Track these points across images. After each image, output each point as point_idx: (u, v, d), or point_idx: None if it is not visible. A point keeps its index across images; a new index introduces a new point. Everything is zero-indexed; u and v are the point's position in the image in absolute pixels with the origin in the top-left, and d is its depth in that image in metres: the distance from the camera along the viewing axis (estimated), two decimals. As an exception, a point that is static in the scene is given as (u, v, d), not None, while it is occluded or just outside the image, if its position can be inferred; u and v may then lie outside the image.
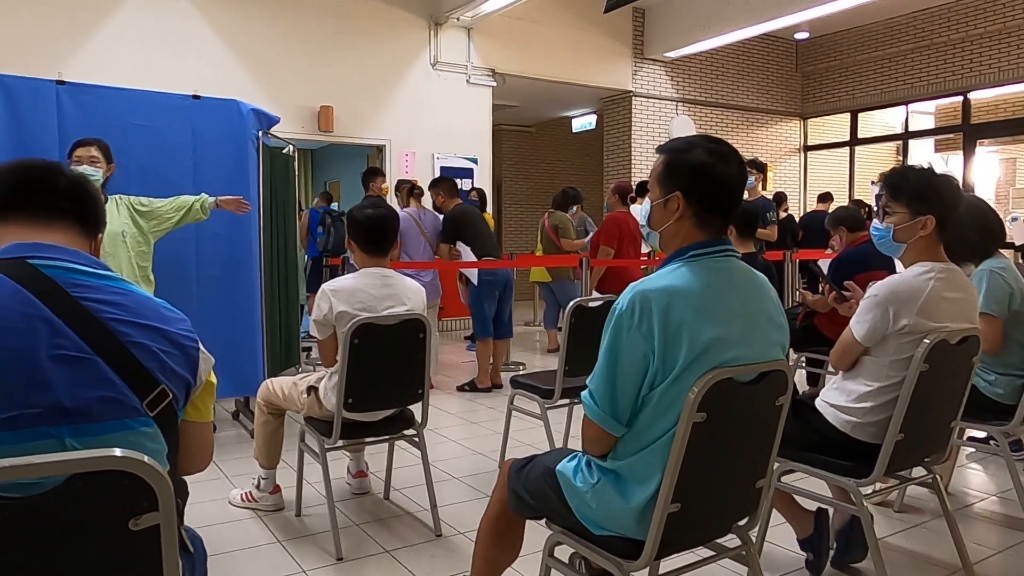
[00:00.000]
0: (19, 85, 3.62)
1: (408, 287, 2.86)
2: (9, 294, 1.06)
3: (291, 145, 4.97)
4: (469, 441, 4.29)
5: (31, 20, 6.44)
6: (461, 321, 8.47)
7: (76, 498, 0.97)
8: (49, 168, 1.26)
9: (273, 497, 3.15)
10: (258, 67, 7.46)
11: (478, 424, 4.69)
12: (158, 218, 3.59)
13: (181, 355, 1.19)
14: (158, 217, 3.59)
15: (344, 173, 12.13)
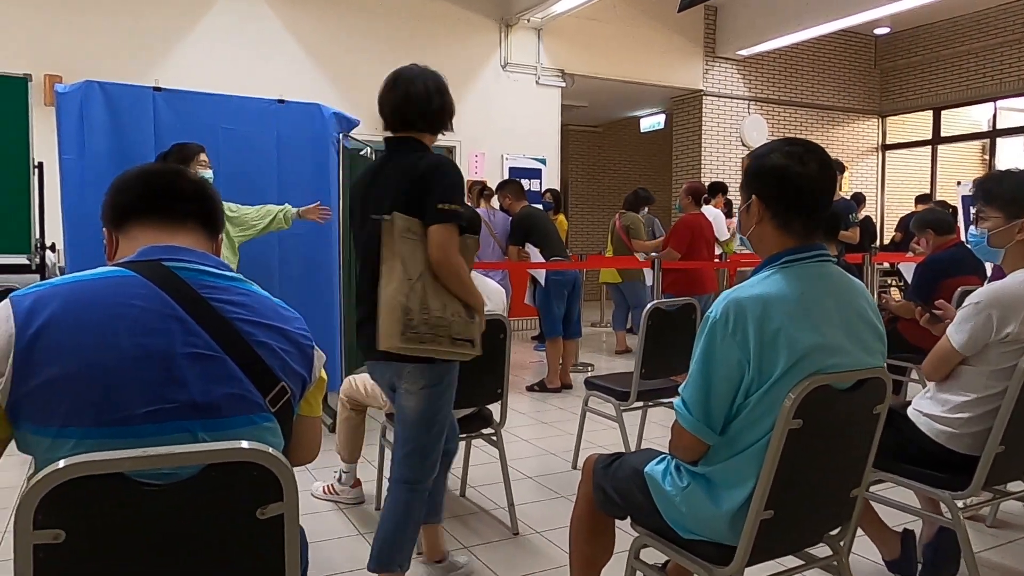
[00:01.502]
0: (120, 92, 3.81)
1: (489, 288, 2.90)
2: (148, 295, 1.12)
3: (368, 147, 5.09)
4: (540, 441, 4.31)
5: (130, 28, 6.77)
6: (527, 321, 8.51)
7: (210, 487, 1.03)
8: (174, 173, 1.34)
9: (354, 491, 3.23)
10: (336, 70, 7.65)
11: (549, 424, 4.71)
12: (243, 224, 3.71)
13: (298, 353, 1.24)
14: (244, 223, 3.71)
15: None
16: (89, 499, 0.97)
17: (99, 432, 1.04)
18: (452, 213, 2.05)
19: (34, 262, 4.06)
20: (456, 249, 2.06)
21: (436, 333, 2.02)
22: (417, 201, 2.05)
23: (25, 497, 0.94)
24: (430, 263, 2.03)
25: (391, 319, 1.98)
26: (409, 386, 2.16)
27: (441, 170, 2.09)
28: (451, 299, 2.07)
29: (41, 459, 1.06)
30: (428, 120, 2.21)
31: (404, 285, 1.98)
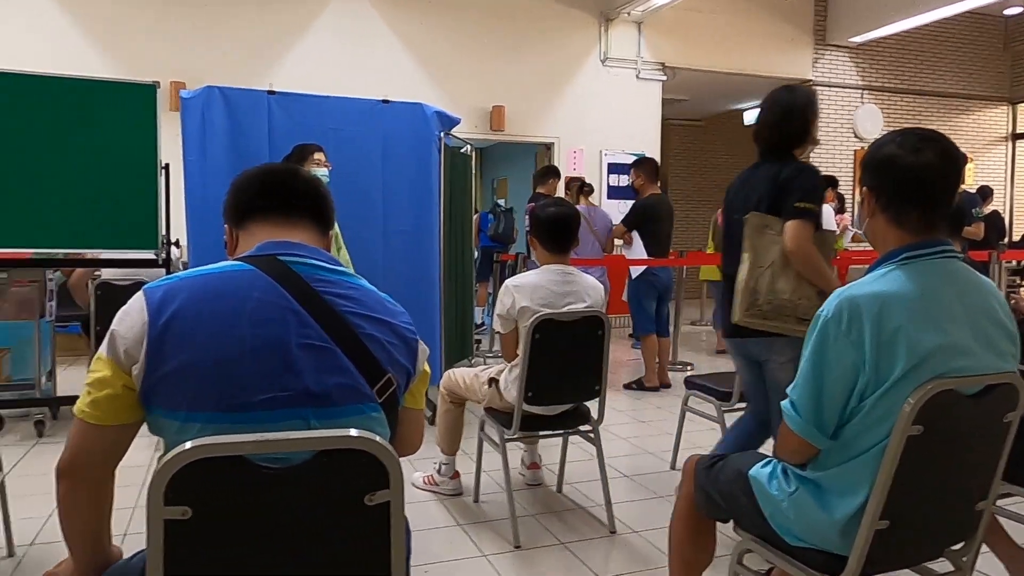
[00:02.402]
0: (237, 96, 4.02)
1: (588, 284, 2.89)
2: (266, 288, 1.18)
3: (469, 145, 5.17)
4: (638, 440, 4.26)
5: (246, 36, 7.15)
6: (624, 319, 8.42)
7: (321, 472, 1.07)
8: (289, 172, 1.40)
9: (453, 482, 3.29)
10: (437, 69, 7.81)
11: (646, 423, 4.65)
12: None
13: (404, 346, 1.28)
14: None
15: (511, 171, 12.40)
16: (213, 479, 1.03)
17: (222, 417, 1.10)
18: (807, 211, 2.38)
19: (160, 257, 4.34)
20: (809, 240, 2.37)
21: (781, 312, 2.37)
22: (778, 201, 2.42)
23: (156, 476, 1.01)
24: (785, 253, 2.36)
25: (740, 298, 2.41)
26: (779, 357, 2.48)
27: (803, 175, 2.45)
28: (802, 283, 2.38)
29: (171, 441, 1.13)
30: (792, 137, 2.55)
31: (754, 271, 2.39)
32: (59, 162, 4.07)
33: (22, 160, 4.02)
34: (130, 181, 4.17)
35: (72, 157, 4.09)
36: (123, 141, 4.14)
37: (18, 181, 4.03)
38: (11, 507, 2.69)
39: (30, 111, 4.02)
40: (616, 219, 6.20)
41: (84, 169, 4.11)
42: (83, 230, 4.15)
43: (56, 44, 6.61)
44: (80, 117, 4.09)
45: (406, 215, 4.25)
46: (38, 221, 4.07)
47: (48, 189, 4.07)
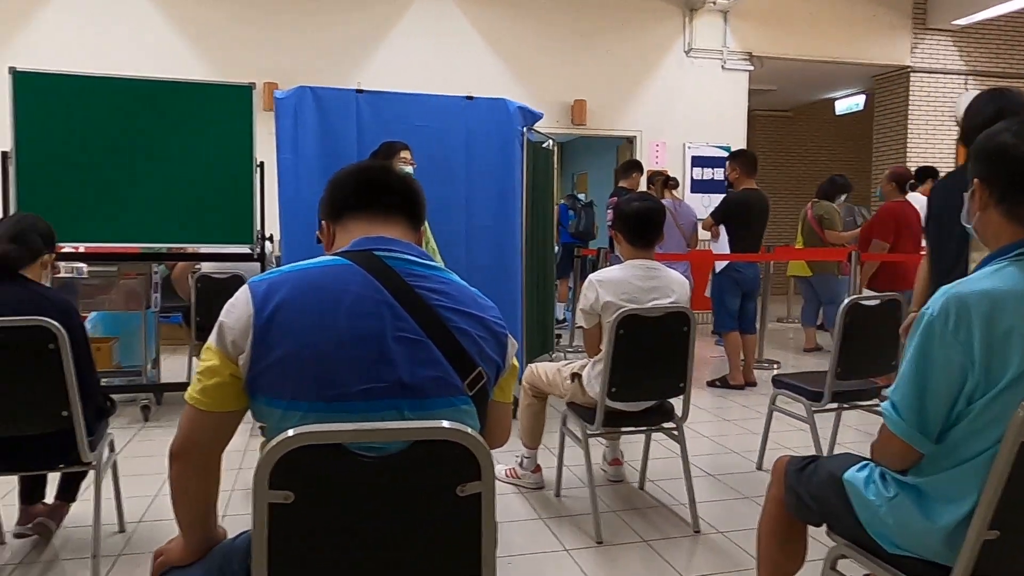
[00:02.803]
0: (328, 95, 4.15)
1: (673, 279, 2.85)
2: (362, 282, 1.22)
3: (551, 140, 5.17)
4: (722, 439, 4.18)
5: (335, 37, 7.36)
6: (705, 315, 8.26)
7: (415, 462, 1.10)
8: (383, 169, 1.44)
9: (535, 476, 3.31)
10: (519, 65, 7.84)
11: (731, 422, 4.55)
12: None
13: (494, 340, 1.30)
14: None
15: (592, 165, 12.34)
16: (314, 465, 1.07)
17: (321, 406, 1.15)
18: None
19: (255, 251, 4.54)
20: None
21: None
22: None
23: (262, 461, 1.06)
24: None
25: None
26: None
27: None
28: None
29: (273, 428, 1.19)
30: None
31: None
32: (163, 162, 4.31)
33: (130, 161, 4.28)
34: (228, 179, 4.37)
35: (175, 157, 4.32)
36: (221, 141, 4.35)
37: (127, 181, 4.28)
38: (121, 486, 2.87)
39: (136, 114, 4.27)
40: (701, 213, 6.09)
41: (186, 168, 4.33)
42: (185, 226, 4.38)
43: (158, 49, 6.98)
44: (182, 119, 4.31)
45: (489, 210, 4.29)
46: (145, 218, 4.32)
47: (153, 188, 4.31)
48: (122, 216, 4.29)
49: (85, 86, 4.25)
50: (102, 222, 4.25)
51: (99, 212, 4.25)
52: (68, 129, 4.20)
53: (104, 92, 4.24)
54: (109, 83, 4.29)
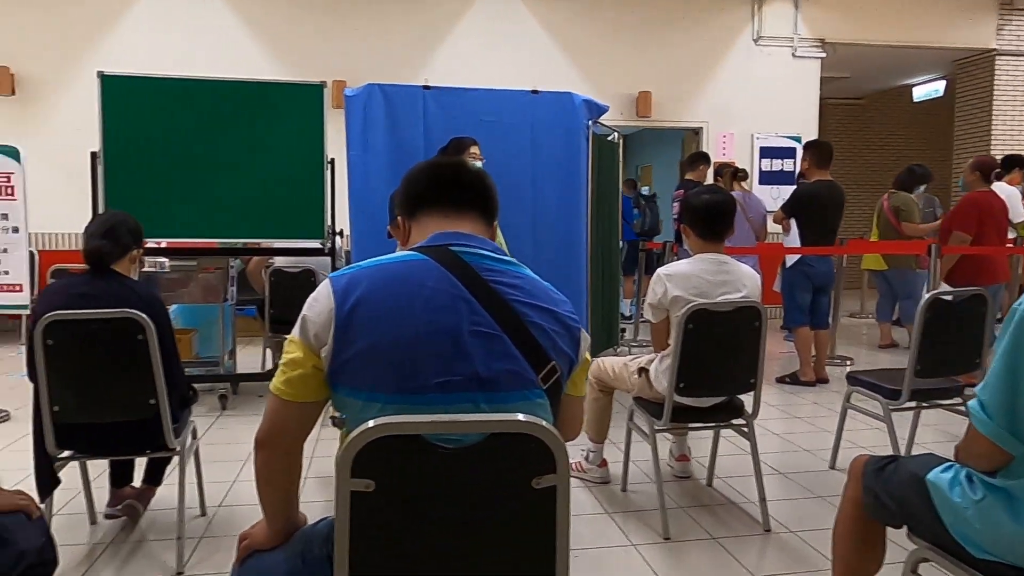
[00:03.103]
0: (395, 92, 4.23)
1: (744, 273, 2.80)
2: (439, 277, 1.24)
3: (616, 132, 5.13)
4: (793, 436, 4.09)
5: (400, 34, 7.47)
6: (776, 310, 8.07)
7: (491, 454, 1.12)
8: (457, 165, 1.46)
9: (600, 470, 3.31)
10: (583, 58, 7.80)
11: (801, 419, 4.44)
12: None
13: (567, 335, 1.30)
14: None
15: (656, 158, 12.19)
16: (393, 455, 1.10)
17: (400, 398, 1.18)
18: None
19: (326, 246, 4.65)
20: None
21: None
22: None
23: (344, 450, 1.09)
24: None
25: None
26: None
27: None
28: None
29: (353, 418, 1.22)
30: None
31: None
32: (239, 160, 4.46)
33: (208, 159, 4.44)
34: (300, 176, 4.49)
35: (250, 155, 4.46)
36: (294, 139, 4.47)
37: (205, 178, 4.45)
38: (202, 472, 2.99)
39: (214, 114, 4.42)
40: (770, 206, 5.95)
41: (260, 166, 4.47)
42: (259, 222, 4.53)
43: (233, 51, 7.21)
44: (257, 118, 4.45)
45: (554, 204, 4.30)
46: (222, 214, 4.48)
47: (230, 185, 4.46)
48: (201, 212, 4.46)
49: (166, 88, 4.43)
50: (183, 218, 4.43)
51: (180, 209, 4.43)
52: (150, 129, 4.39)
53: (184, 93, 4.41)
54: (188, 85, 4.46)
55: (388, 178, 4.04)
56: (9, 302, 4.11)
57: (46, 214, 6.39)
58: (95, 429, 2.46)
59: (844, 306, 6.79)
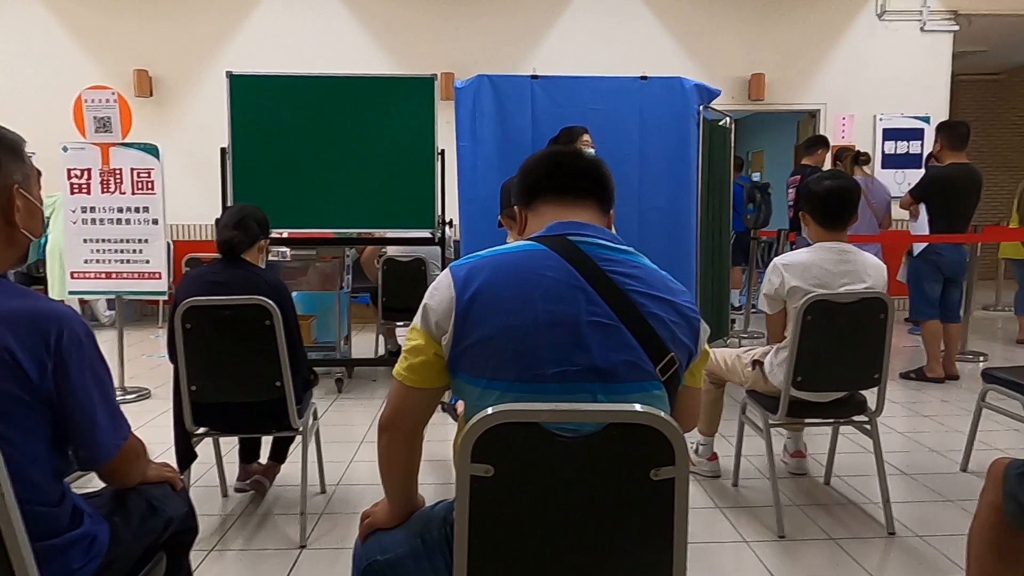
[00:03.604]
0: (504, 83, 4.25)
1: (868, 264, 2.66)
2: (557, 267, 1.25)
3: (728, 117, 4.98)
4: (918, 435, 3.86)
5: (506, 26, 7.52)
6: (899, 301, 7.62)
7: (609, 444, 1.12)
8: (574, 153, 1.46)
9: (711, 464, 3.24)
10: (692, 42, 7.61)
11: (928, 418, 4.19)
12: None
13: (686, 326, 1.28)
14: None
15: (768, 142, 11.73)
16: (512, 442, 1.12)
17: (518, 387, 1.19)
18: None
19: (436, 236, 4.76)
20: None
21: None
22: None
23: (465, 436, 1.12)
24: None
25: None
26: None
27: None
28: None
29: (471, 405, 1.25)
30: None
31: None
32: (354, 153, 4.63)
33: (326, 152, 4.64)
34: (412, 167, 4.62)
35: (364, 148, 4.63)
36: (406, 131, 4.60)
37: (323, 171, 4.65)
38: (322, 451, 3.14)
39: (331, 109, 4.61)
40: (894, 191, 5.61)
41: (374, 158, 4.63)
42: (373, 212, 4.69)
43: (348, 47, 7.47)
44: (371, 111, 4.60)
45: (662, 191, 4.22)
46: (339, 205, 4.67)
47: (346, 177, 4.65)
48: (319, 204, 4.66)
49: (287, 85, 4.65)
50: (302, 210, 4.65)
51: (300, 200, 4.65)
52: (273, 125, 4.63)
53: (304, 90, 4.62)
54: (308, 81, 4.66)
55: (497, 168, 4.08)
56: (149, 288, 4.45)
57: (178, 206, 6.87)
58: (227, 408, 2.63)
59: (977, 298, 6.32)
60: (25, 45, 7.53)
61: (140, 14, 7.54)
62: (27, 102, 7.18)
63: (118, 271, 4.37)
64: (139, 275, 4.39)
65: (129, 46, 7.55)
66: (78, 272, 4.38)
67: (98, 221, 4.33)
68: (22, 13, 7.53)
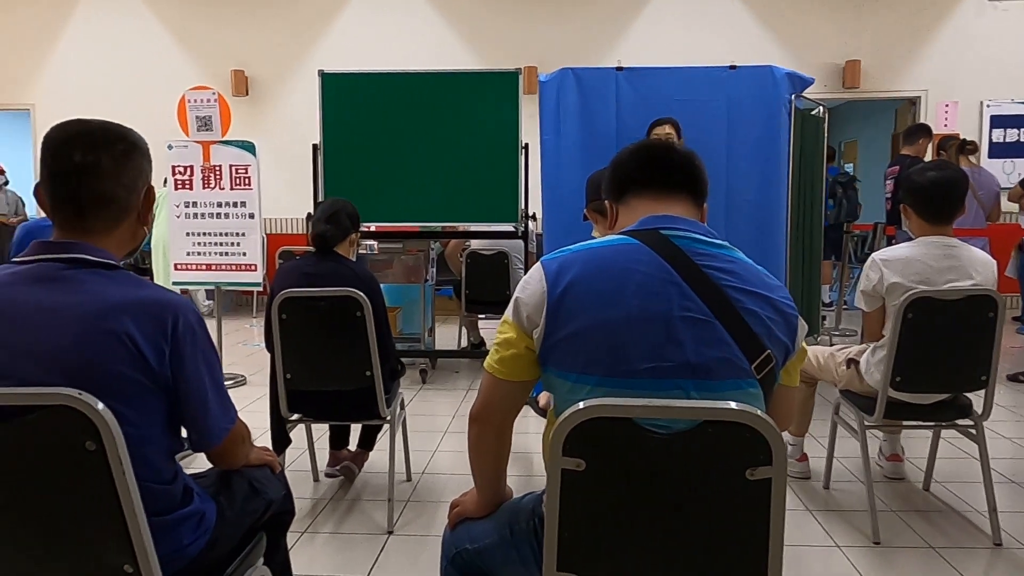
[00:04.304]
0: (588, 76, 4.22)
1: (976, 259, 2.51)
2: (649, 262, 1.23)
3: (821, 106, 4.80)
4: (1028, 442, 3.64)
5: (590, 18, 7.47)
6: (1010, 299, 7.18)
7: (704, 442, 1.10)
8: (666, 146, 1.43)
9: (800, 464, 3.15)
10: (784, 28, 7.36)
11: (1039, 423, 3.94)
12: None
13: (783, 322, 1.25)
14: None
15: (862, 132, 11.24)
16: (604, 437, 1.12)
17: (609, 382, 1.19)
18: None
19: (519, 229, 4.79)
20: None
21: None
22: None
23: (557, 429, 1.12)
24: None
25: None
26: None
27: None
28: None
29: (561, 399, 1.25)
30: None
31: None
32: (440, 148, 4.71)
33: (413, 148, 4.73)
34: (496, 161, 4.66)
35: (450, 143, 4.70)
36: (490, 125, 4.64)
37: (409, 166, 4.74)
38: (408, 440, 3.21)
39: (418, 105, 4.70)
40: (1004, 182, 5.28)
41: (459, 153, 4.69)
42: (457, 206, 4.76)
43: (434, 44, 7.59)
44: (456, 107, 4.67)
45: (751, 183, 4.10)
46: (424, 199, 4.76)
47: (431, 171, 4.73)
48: (405, 198, 4.76)
49: (376, 82, 4.76)
50: (389, 204, 4.76)
51: (387, 195, 4.76)
52: (362, 121, 4.75)
53: (392, 86, 4.72)
54: (396, 78, 4.76)
55: (580, 162, 4.06)
56: (246, 280, 4.65)
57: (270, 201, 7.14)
58: (320, 396, 2.73)
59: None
60: (134, 49, 7.99)
61: (237, 17, 7.87)
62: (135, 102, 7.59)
63: (217, 263, 4.59)
64: (236, 267, 4.60)
65: (227, 48, 7.90)
66: (181, 264, 4.62)
67: (199, 215, 4.56)
68: (132, 18, 7.99)
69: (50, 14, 8.09)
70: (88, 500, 1.18)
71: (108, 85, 7.92)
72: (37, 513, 1.20)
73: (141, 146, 1.36)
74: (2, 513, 1.20)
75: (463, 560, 1.47)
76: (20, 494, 1.19)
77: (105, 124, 1.32)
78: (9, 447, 1.17)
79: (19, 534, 1.22)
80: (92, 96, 7.78)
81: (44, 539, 1.22)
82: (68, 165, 1.27)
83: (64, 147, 1.27)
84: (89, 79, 8.03)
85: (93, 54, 8.07)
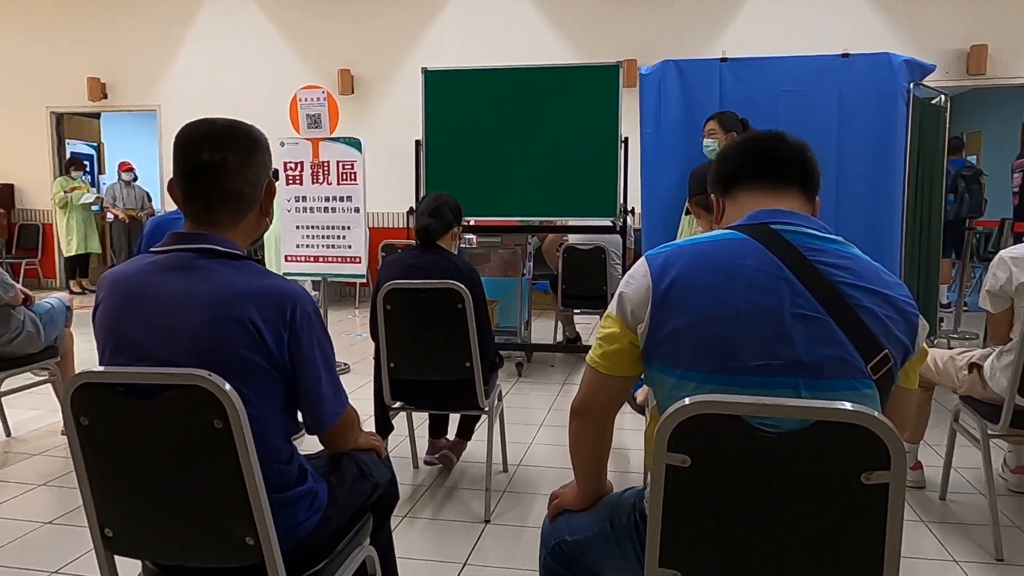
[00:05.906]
0: (691, 67, 4.14)
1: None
2: (759, 257, 1.20)
3: (942, 95, 4.52)
4: None
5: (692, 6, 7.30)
6: None
7: (816, 443, 1.07)
8: (776, 138, 1.39)
9: (914, 473, 2.99)
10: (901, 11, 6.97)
11: None
12: None
13: (903, 321, 1.19)
14: None
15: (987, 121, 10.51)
16: (711, 433, 1.10)
17: (716, 379, 1.16)
18: None
19: (617, 224, 4.75)
20: None
21: None
22: None
23: (662, 425, 1.11)
24: None
25: None
26: None
27: None
28: None
29: (664, 396, 1.24)
30: None
31: None
32: (540, 142, 4.72)
33: (513, 142, 4.77)
34: (594, 155, 4.64)
35: (550, 137, 4.71)
36: (590, 119, 4.62)
37: (509, 160, 4.78)
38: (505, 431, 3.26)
39: (519, 100, 4.74)
40: None
41: (558, 147, 4.69)
42: (555, 201, 4.77)
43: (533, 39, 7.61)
44: (556, 101, 4.67)
45: (864, 177, 3.91)
46: (522, 193, 4.79)
47: (531, 166, 4.75)
48: (504, 192, 4.81)
49: (478, 78, 4.83)
50: (488, 198, 4.82)
51: (486, 189, 4.82)
52: (464, 117, 4.83)
53: (493, 82, 4.77)
54: (497, 74, 4.81)
55: (681, 156, 3.98)
56: (351, 272, 4.82)
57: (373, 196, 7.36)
58: (421, 385, 2.80)
59: None
60: (250, 51, 8.42)
61: (342, 17, 8.16)
62: (251, 101, 7.99)
63: (324, 255, 4.78)
64: (342, 259, 4.77)
65: (334, 48, 8.20)
66: (291, 256, 4.84)
67: (309, 209, 4.76)
68: (247, 22, 8.42)
69: (173, 20, 8.63)
70: (215, 475, 1.27)
71: (226, 85, 8.38)
72: (170, 486, 1.30)
73: (263, 142, 1.43)
74: (140, 485, 1.31)
75: (562, 551, 1.48)
76: (157, 467, 1.29)
77: (230, 123, 1.40)
78: (149, 423, 1.27)
79: (155, 504, 1.32)
80: (213, 96, 8.26)
81: (175, 510, 1.31)
82: (198, 163, 1.35)
83: (193, 146, 1.36)
84: (209, 80, 8.53)
85: (213, 56, 8.56)
